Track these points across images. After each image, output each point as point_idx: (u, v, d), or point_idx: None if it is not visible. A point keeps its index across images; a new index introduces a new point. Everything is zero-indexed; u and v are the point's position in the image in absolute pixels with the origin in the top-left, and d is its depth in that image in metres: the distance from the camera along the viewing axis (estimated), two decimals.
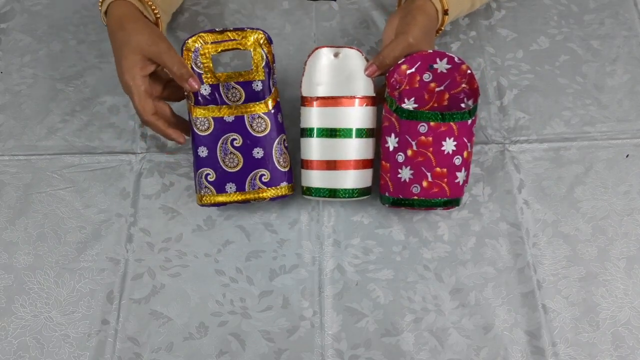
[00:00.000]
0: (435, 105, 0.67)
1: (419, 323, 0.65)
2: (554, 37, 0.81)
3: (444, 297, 0.66)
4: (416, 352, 0.64)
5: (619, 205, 0.70)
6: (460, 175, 0.64)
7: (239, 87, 0.68)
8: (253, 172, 0.65)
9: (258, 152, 0.65)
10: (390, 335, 0.64)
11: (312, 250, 0.69)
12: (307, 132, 0.66)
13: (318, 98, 0.65)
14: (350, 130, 0.64)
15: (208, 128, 0.65)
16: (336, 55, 0.66)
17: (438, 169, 0.63)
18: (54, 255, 0.68)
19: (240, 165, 0.65)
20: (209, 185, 0.65)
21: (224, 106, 0.65)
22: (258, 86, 0.68)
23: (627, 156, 0.73)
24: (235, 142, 0.65)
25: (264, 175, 0.65)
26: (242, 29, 0.66)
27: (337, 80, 0.66)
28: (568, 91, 0.77)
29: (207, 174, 0.65)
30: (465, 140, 0.63)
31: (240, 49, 0.66)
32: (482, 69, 0.78)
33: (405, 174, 0.64)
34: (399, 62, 0.64)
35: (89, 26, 0.83)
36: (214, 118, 0.65)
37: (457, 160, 0.63)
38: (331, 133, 0.64)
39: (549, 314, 0.65)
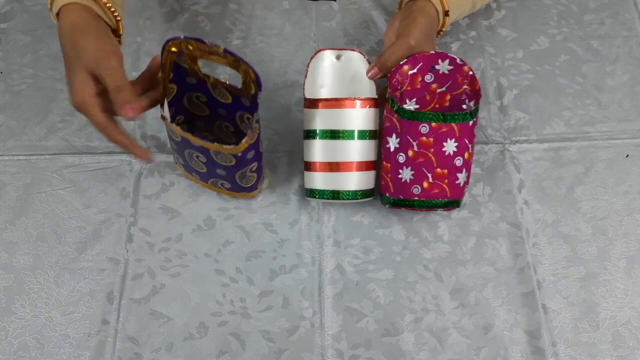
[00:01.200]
0: (437, 106, 0.67)
1: (419, 323, 0.65)
2: (554, 37, 0.81)
3: (444, 297, 0.66)
4: (416, 352, 0.64)
5: (619, 205, 0.70)
6: (461, 177, 0.64)
7: (226, 91, 0.64)
8: (215, 179, 0.67)
9: (221, 171, 0.64)
10: (390, 335, 0.64)
11: (312, 250, 0.69)
12: (310, 134, 0.66)
13: (321, 100, 0.65)
14: (353, 132, 0.64)
15: (177, 137, 0.61)
16: (338, 57, 0.66)
17: (439, 170, 0.63)
18: (54, 255, 0.68)
19: (204, 171, 0.66)
20: (180, 164, 0.68)
21: (194, 135, 0.59)
22: (246, 102, 0.64)
23: (627, 156, 0.73)
24: (199, 158, 0.63)
25: (225, 184, 0.67)
26: (233, 54, 0.57)
27: (339, 82, 0.66)
28: (568, 91, 0.77)
29: (178, 157, 0.67)
30: (467, 142, 0.63)
31: (229, 67, 0.61)
32: (482, 69, 0.78)
33: (406, 174, 0.64)
34: (401, 62, 0.64)
35: None
36: (182, 137, 0.60)
37: (458, 162, 0.63)
38: (334, 135, 0.64)
39: (549, 314, 0.65)
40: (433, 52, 0.64)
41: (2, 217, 0.70)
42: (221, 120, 0.69)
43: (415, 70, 0.65)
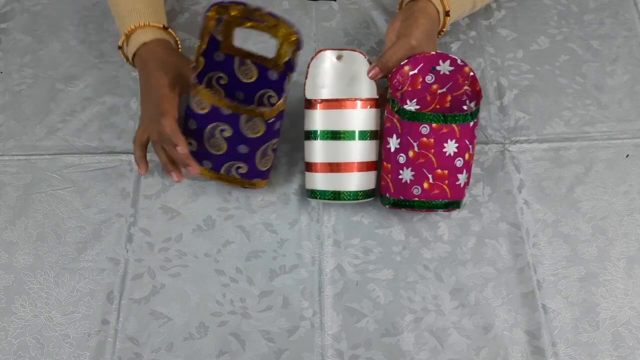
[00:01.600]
0: (437, 107, 0.67)
1: (419, 323, 0.65)
2: (554, 37, 0.81)
3: (444, 297, 0.66)
4: (416, 352, 0.64)
5: (619, 205, 0.70)
6: (462, 177, 0.64)
7: (254, 66, 0.66)
8: (232, 162, 0.65)
9: (243, 149, 0.64)
10: (390, 335, 0.64)
11: (312, 250, 0.69)
12: (310, 135, 0.66)
13: (322, 101, 0.65)
14: (354, 132, 0.64)
15: (203, 109, 0.62)
16: (339, 57, 0.66)
17: (439, 171, 0.63)
18: (54, 255, 0.68)
19: (222, 152, 0.64)
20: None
21: (227, 99, 0.61)
22: (273, 75, 0.66)
23: (627, 156, 0.73)
24: (224, 132, 0.62)
25: (241, 167, 0.65)
26: (275, 16, 0.61)
27: (340, 82, 0.66)
28: (568, 91, 0.77)
29: (190, 142, 0.64)
30: (467, 143, 0.63)
31: (267, 33, 0.63)
32: (482, 69, 0.78)
33: (407, 175, 0.64)
34: (402, 63, 0.64)
35: (89, 26, 0.83)
36: (212, 105, 0.61)
37: (459, 162, 0.63)
38: (335, 135, 0.64)
39: (549, 314, 0.65)
40: (434, 52, 0.64)
41: (2, 217, 0.70)
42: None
43: (416, 71, 0.65)
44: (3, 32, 0.82)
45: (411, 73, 0.65)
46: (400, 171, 0.64)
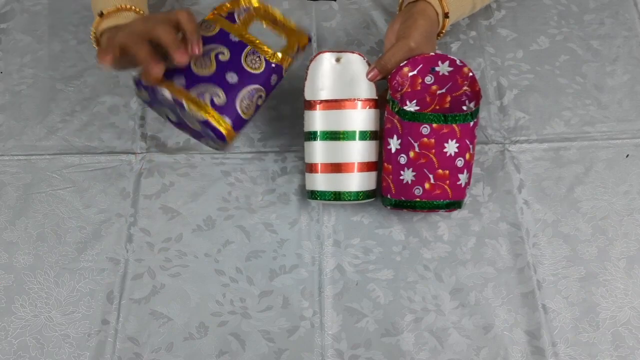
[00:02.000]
0: (437, 107, 0.67)
1: (419, 323, 0.65)
2: (554, 37, 0.81)
3: (444, 297, 0.66)
4: (416, 352, 0.64)
5: (619, 205, 0.70)
6: (463, 177, 0.64)
7: (263, 60, 0.62)
8: (212, 87, 0.58)
9: (232, 78, 0.59)
10: (390, 335, 0.64)
11: (312, 250, 0.69)
12: (310, 136, 0.66)
13: (321, 101, 0.65)
14: (354, 132, 0.64)
15: (210, 32, 0.60)
16: (338, 60, 0.66)
17: (440, 171, 0.63)
18: (54, 255, 0.68)
19: (208, 73, 0.58)
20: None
21: (238, 25, 0.60)
22: (274, 80, 0.63)
23: (627, 156, 0.73)
24: (220, 55, 0.59)
25: (219, 97, 0.58)
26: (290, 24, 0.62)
27: (339, 84, 0.66)
28: (568, 91, 0.77)
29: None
30: (468, 142, 0.63)
31: (278, 32, 0.63)
32: (482, 69, 0.78)
33: (408, 175, 0.64)
34: (401, 64, 0.64)
35: (89, 26, 0.82)
36: (222, 29, 0.60)
37: (460, 162, 0.63)
38: (335, 136, 0.64)
39: (549, 314, 0.65)
40: (433, 54, 0.64)
41: (2, 217, 0.70)
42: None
43: (415, 72, 0.65)
44: (3, 32, 0.82)
45: (410, 74, 0.65)
46: (402, 172, 0.64)
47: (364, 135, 0.65)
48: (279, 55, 0.61)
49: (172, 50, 0.55)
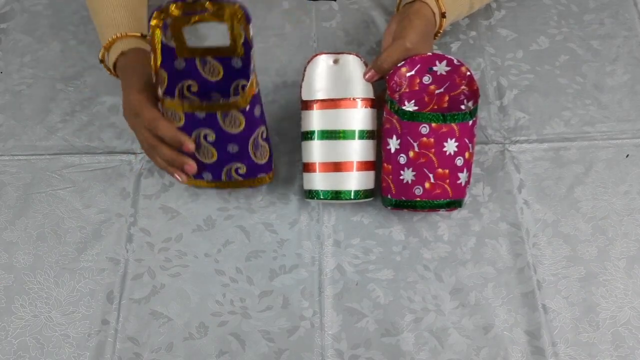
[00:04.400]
0: (435, 107, 0.67)
1: (419, 323, 0.65)
2: (554, 37, 0.81)
3: (444, 297, 0.66)
4: (416, 352, 0.64)
5: (619, 205, 0.70)
6: (463, 176, 0.64)
7: (216, 62, 0.63)
8: (228, 165, 0.63)
9: (232, 148, 0.61)
10: (390, 335, 0.64)
11: (312, 250, 0.69)
12: (308, 135, 0.66)
13: (318, 101, 0.65)
14: (353, 131, 0.64)
15: (179, 121, 0.59)
16: (336, 61, 0.66)
17: (440, 170, 0.63)
18: (54, 255, 0.68)
19: (215, 159, 0.62)
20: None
21: (195, 102, 0.59)
22: (237, 63, 0.63)
23: (627, 156, 0.73)
24: (208, 137, 0.60)
25: (240, 168, 0.63)
26: (217, 1, 0.57)
27: (336, 85, 0.66)
28: (568, 91, 0.77)
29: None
30: (467, 141, 0.64)
31: (215, 21, 0.59)
32: (482, 69, 0.78)
33: (408, 175, 0.64)
34: (399, 64, 0.64)
35: (89, 26, 0.83)
36: (185, 113, 0.58)
37: (459, 161, 0.63)
38: (333, 135, 0.64)
39: (549, 314, 0.65)
40: (430, 53, 0.64)
41: (2, 217, 0.70)
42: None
43: (413, 72, 0.65)
44: (3, 32, 0.82)
45: (408, 74, 0.65)
46: (401, 172, 0.64)
47: (362, 135, 0.65)
48: (246, 95, 0.58)
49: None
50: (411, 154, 0.63)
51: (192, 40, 0.64)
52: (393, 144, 0.64)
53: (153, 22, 0.57)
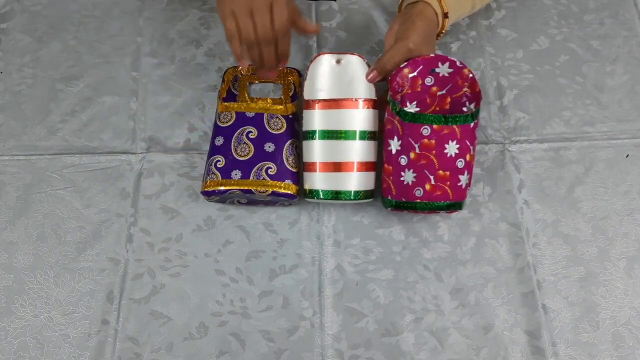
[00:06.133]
0: (437, 109, 0.67)
1: (419, 323, 0.65)
2: (554, 37, 0.81)
3: (444, 297, 0.66)
4: (416, 352, 0.64)
5: (619, 205, 0.70)
6: (463, 178, 0.64)
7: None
8: (261, 163, 0.67)
9: (270, 147, 0.68)
10: (390, 335, 0.64)
11: (312, 250, 0.69)
12: (309, 135, 0.66)
13: (320, 101, 0.65)
14: (354, 132, 0.64)
15: (229, 120, 0.70)
16: (338, 61, 0.66)
17: (441, 172, 0.63)
18: (54, 255, 0.68)
19: (250, 155, 0.68)
20: (215, 172, 0.67)
21: (248, 102, 0.71)
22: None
23: (627, 156, 0.73)
24: (250, 134, 0.68)
25: (271, 168, 0.67)
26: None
27: (338, 85, 0.66)
28: (568, 91, 0.77)
29: (217, 161, 0.67)
30: (468, 144, 0.63)
31: (275, 82, 0.75)
32: (482, 69, 0.78)
33: (408, 176, 0.64)
34: (401, 65, 0.64)
35: (89, 26, 0.83)
36: (237, 112, 0.70)
37: (460, 163, 0.63)
38: (334, 135, 0.64)
39: (549, 314, 0.65)
40: (433, 55, 0.64)
41: (2, 217, 0.70)
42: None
43: (415, 73, 0.65)
44: (3, 32, 0.82)
45: (411, 75, 0.65)
46: (402, 173, 0.64)
47: (363, 135, 0.65)
48: (290, 105, 0.71)
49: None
50: (412, 155, 0.63)
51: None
52: (394, 145, 0.64)
53: (226, 77, 0.75)
